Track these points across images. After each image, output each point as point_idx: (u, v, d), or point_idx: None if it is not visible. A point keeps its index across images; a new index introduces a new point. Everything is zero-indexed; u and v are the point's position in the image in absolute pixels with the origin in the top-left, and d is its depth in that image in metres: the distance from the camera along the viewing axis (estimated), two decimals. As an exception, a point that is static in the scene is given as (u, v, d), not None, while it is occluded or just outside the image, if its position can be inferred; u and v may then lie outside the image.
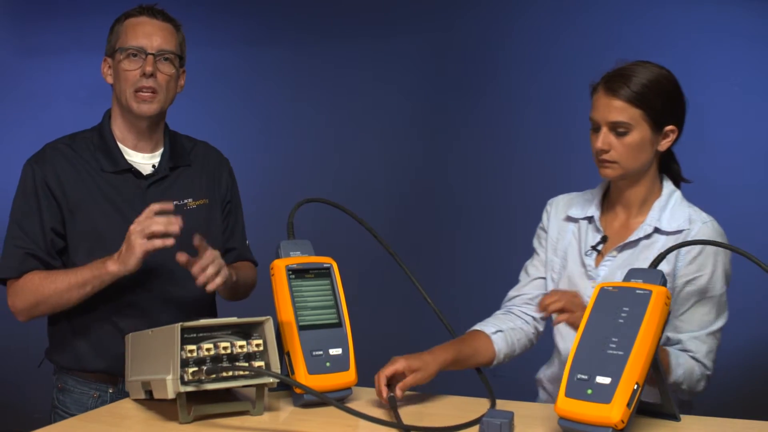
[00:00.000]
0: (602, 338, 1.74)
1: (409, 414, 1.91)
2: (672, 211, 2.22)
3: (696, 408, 2.25)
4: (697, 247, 2.15)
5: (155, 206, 2.16)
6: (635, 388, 1.68)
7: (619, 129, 2.16)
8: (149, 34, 2.39)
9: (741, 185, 4.13)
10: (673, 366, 2.08)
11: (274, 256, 2.14)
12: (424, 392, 2.13)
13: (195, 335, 1.88)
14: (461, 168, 4.73)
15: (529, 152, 4.56)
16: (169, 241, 2.14)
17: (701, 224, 2.18)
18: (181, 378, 1.82)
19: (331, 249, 2.18)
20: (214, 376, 1.85)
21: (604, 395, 1.67)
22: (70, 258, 2.36)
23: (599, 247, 2.28)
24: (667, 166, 2.31)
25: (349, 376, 2.04)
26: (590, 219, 2.33)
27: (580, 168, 4.33)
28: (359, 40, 4.90)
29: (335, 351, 2.04)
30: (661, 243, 2.19)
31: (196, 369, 1.84)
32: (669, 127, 2.20)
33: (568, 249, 2.35)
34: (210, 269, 2.21)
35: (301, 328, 2.03)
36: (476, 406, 1.97)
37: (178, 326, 1.83)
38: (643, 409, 1.87)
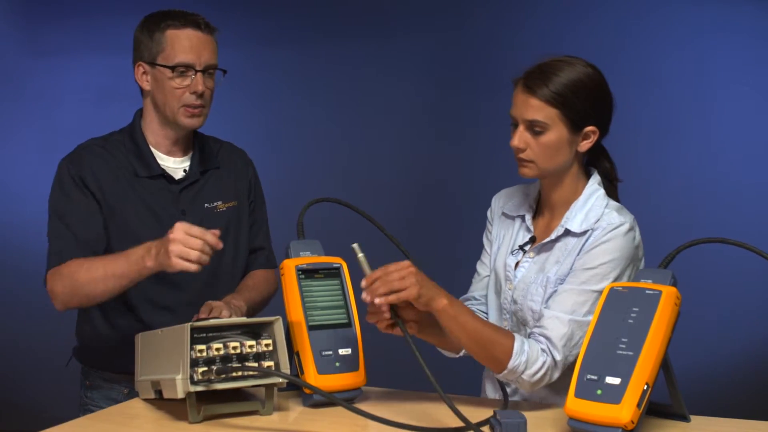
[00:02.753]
0: (612, 339, 1.74)
1: (414, 414, 1.91)
2: (588, 211, 2.12)
3: (705, 409, 2.24)
4: (599, 239, 2.06)
5: (211, 239, 2.06)
6: (645, 388, 1.68)
7: (535, 128, 2.08)
8: (198, 50, 2.38)
9: (753, 184, 4.13)
10: (516, 351, 1.98)
11: (284, 256, 2.14)
12: (428, 392, 2.13)
13: (204, 335, 1.89)
14: (470, 167, 4.73)
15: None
16: (197, 267, 2.06)
17: (606, 225, 2.07)
18: (191, 378, 1.83)
19: (340, 249, 2.18)
20: (223, 375, 1.86)
21: (613, 396, 1.67)
22: None
23: (526, 248, 2.21)
24: (600, 165, 2.22)
25: (359, 376, 2.04)
26: (522, 218, 2.27)
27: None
28: (368, 40, 4.91)
29: (345, 351, 2.04)
30: (571, 245, 2.10)
31: (205, 369, 1.84)
32: (589, 128, 2.11)
33: (501, 246, 2.29)
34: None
35: (310, 328, 2.03)
36: (485, 407, 1.97)
37: (187, 326, 1.83)
38: (652, 410, 1.87)
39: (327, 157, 5.01)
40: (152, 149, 2.45)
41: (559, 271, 2.10)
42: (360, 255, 1.93)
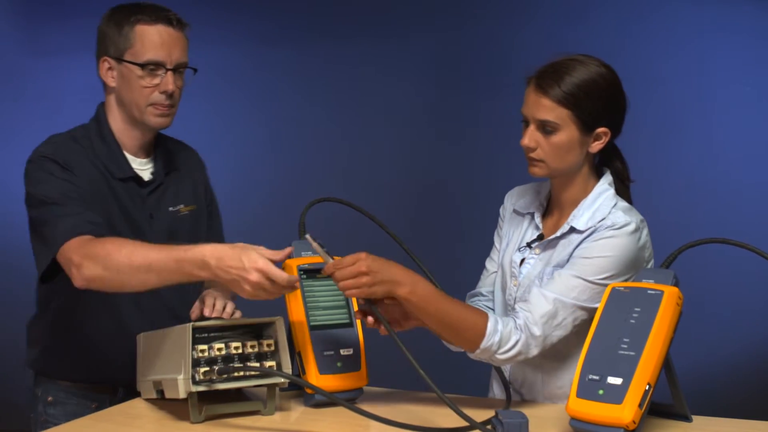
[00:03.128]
0: (614, 339, 1.74)
1: (420, 414, 1.91)
2: (595, 210, 2.12)
3: (707, 409, 2.24)
4: (601, 235, 2.06)
5: (293, 280, 1.90)
6: (647, 388, 1.68)
7: (546, 127, 2.08)
8: (169, 47, 2.25)
9: (754, 184, 4.13)
10: (490, 332, 1.97)
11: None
12: (430, 393, 2.13)
13: (206, 335, 1.89)
14: (471, 167, 4.73)
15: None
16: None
17: (610, 224, 2.07)
18: (193, 378, 1.83)
19: (342, 249, 2.18)
20: (225, 376, 1.86)
21: (615, 396, 1.67)
22: None
23: (534, 244, 2.22)
24: (612, 165, 2.22)
25: (360, 376, 2.04)
26: (532, 215, 2.28)
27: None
28: (368, 40, 4.91)
29: (346, 351, 2.04)
30: (574, 243, 2.10)
31: (207, 369, 1.84)
32: (601, 130, 2.11)
33: (510, 243, 2.30)
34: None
35: (312, 328, 2.03)
36: (487, 407, 1.97)
37: (189, 326, 1.83)
38: (654, 410, 1.87)
39: (328, 157, 5.01)
40: (123, 150, 2.31)
41: (559, 262, 2.11)
42: (314, 244, 1.93)
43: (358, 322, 2.09)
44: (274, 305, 1.98)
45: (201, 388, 1.84)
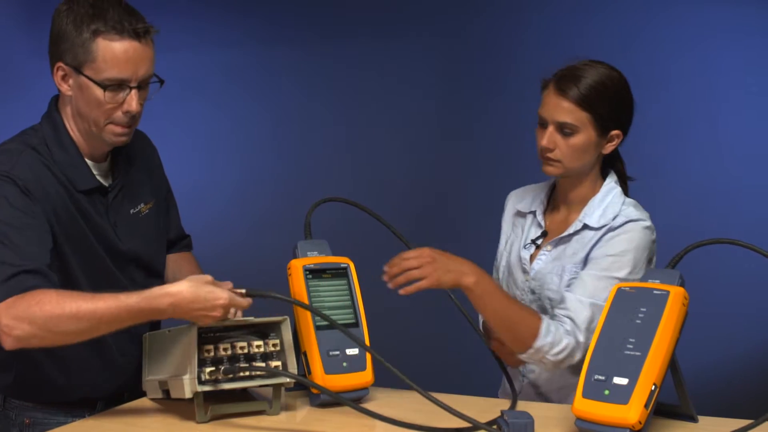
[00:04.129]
0: (619, 339, 1.74)
1: (423, 414, 1.90)
2: (605, 207, 2.21)
3: (713, 409, 2.24)
4: (619, 231, 2.15)
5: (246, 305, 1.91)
6: (653, 388, 1.68)
7: (565, 129, 2.17)
8: (135, 64, 1.97)
9: (760, 185, 4.12)
10: (543, 332, 2.04)
11: (291, 256, 2.14)
12: (435, 392, 2.13)
13: (212, 335, 1.89)
14: (477, 166, 4.72)
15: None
16: None
17: (624, 219, 2.16)
18: (199, 378, 1.83)
19: (348, 249, 2.18)
20: (231, 375, 1.86)
21: (621, 396, 1.67)
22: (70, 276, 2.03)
23: (538, 242, 2.29)
24: (612, 165, 2.31)
25: (366, 376, 2.04)
26: (534, 214, 2.35)
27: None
28: (372, 39, 4.91)
29: (352, 351, 2.04)
30: (588, 238, 2.19)
31: (213, 369, 1.84)
32: (614, 132, 2.20)
33: (514, 242, 2.38)
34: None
35: (318, 328, 2.03)
36: (493, 407, 1.96)
37: (195, 326, 1.83)
38: (660, 410, 1.87)
39: (333, 158, 5.01)
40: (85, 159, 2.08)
41: (574, 260, 2.18)
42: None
43: (364, 322, 2.09)
44: (279, 305, 1.98)
45: (207, 388, 1.84)
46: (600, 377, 1.71)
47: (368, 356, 2.05)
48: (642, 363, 1.69)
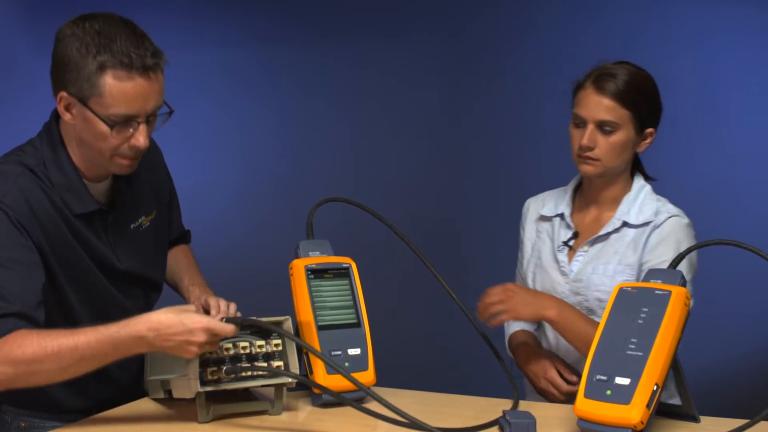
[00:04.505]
0: (621, 339, 1.74)
1: (428, 414, 1.91)
2: (641, 205, 2.26)
3: (713, 409, 2.24)
4: (660, 236, 2.20)
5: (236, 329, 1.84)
6: (655, 389, 1.67)
7: (605, 127, 2.20)
8: (143, 99, 1.87)
9: (760, 185, 4.12)
10: None
11: (293, 256, 2.14)
12: (437, 392, 2.13)
13: (214, 335, 1.89)
14: (478, 166, 4.73)
15: (545, 151, 4.55)
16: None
17: (666, 215, 2.22)
18: (201, 378, 1.83)
19: (349, 249, 2.18)
20: (233, 375, 1.86)
21: (623, 396, 1.67)
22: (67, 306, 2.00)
23: (571, 243, 2.32)
24: (637, 167, 2.36)
25: (368, 376, 2.04)
26: (561, 216, 2.37)
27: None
28: (374, 39, 4.91)
29: (354, 351, 2.04)
30: (630, 236, 2.23)
31: (215, 369, 1.84)
32: (649, 130, 2.25)
33: (542, 247, 2.39)
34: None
35: (320, 328, 2.03)
36: (495, 407, 1.97)
37: (197, 326, 1.83)
38: (662, 410, 1.87)
39: (335, 158, 5.01)
40: (84, 181, 2.00)
41: (622, 260, 2.22)
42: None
43: (365, 322, 2.09)
44: (281, 306, 1.98)
45: (209, 388, 1.84)
46: (602, 377, 1.71)
47: (370, 356, 2.05)
48: (644, 363, 1.69)
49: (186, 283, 2.29)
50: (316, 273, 2.10)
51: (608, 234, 2.26)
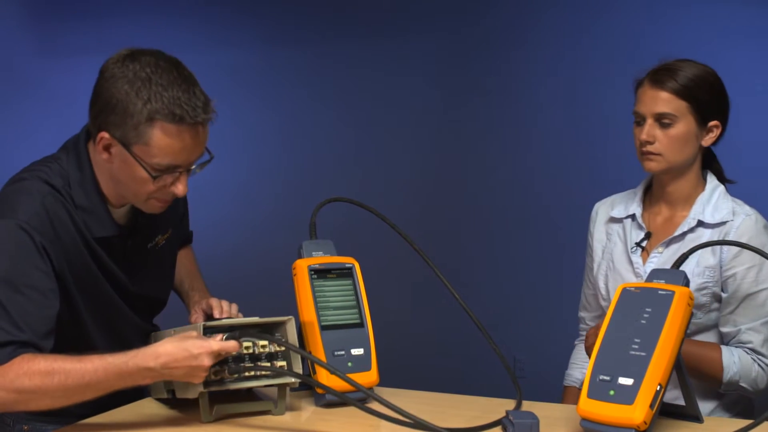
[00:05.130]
0: (625, 339, 1.74)
1: (431, 414, 1.91)
2: (715, 204, 2.23)
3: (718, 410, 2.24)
4: (745, 237, 2.17)
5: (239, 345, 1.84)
6: (658, 389, 1.67)
7: (664, 120, 2.18)
8: (189, 151, 1.86)
9: (764, 185, 4.11)
10: (727, 364, 2.11)
11: (297, 256, 2.14)
12: (440, 392, 2.13)
13: (217, 335, 1.89)
14: (482, 167, 4.73)
15: (549, 151, 4.56)
16: None
17: (744, 216, 2.19)
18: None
19: (353, 249, 2.18)
20: (236, 375, 1.86)
21: (626, 396, 1.67)
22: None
23: (643, 244, 2.28)
24: (710, 166, 2.33)
25: (371, 376, 2.04)
26: (633, 217, 2.34)
27: (600, 167, 4.32)
28: (378, 40, 4.91)
29: (357, 351, 2.04)
30: (706, 236, 2.20)
31: (218, 368, 1.84)
32: (713, 122, 2.23)
33: (614, 250, 2.35)
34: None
35: (323, 328, 2.03)
36: (498, 407, 1.96)
37: (200, 325, 1.83)
38: (665, 411, 1.86)
39: (338, 158, 5.01)
40: (107, 206, 1.98)
41: (700, 262, 2.19)
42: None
43: (368, 322, 2.09)
44: (285, 306, 1.98)
45: (212, 388, 1.84)
46: (605, 377, 1.71)
47: (373, 356, 2.05)
48: (647, 363, 1.69)
49: (186, 287, 2.32)
50: (320, 273, 2.10)
51: (684, 234, 2.23)
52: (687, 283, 1.80)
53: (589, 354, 2.23)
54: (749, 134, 4.17)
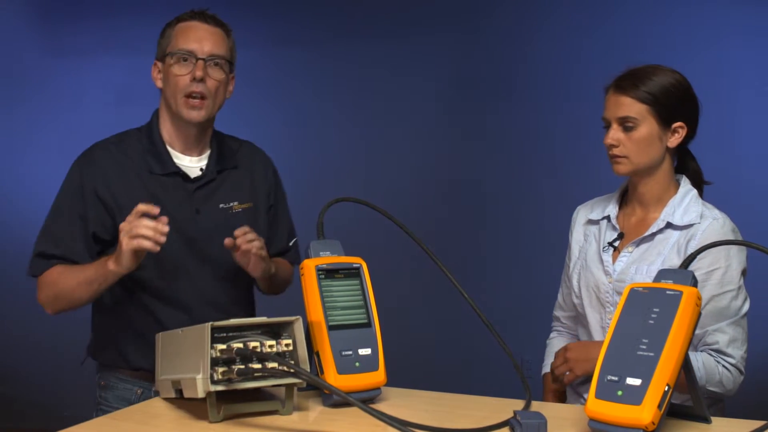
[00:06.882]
0: (632, 339, 1.74)
1: (437, 414, 1.91)
2: (686, 207, 2.29)
3: (727, 410, 2.23)
4: (709, 228, 2.25)
5: (141, 207, 2.16)
6: (666, 389, 1.67)
7: (627, 124, 2.26)
8: (200, 39, 2.40)
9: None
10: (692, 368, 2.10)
11: (304, 256, 2.14)
12: (448, 393, 2.13)
13: (225, 335, 1.89)
14: (488, 167, 4.73)
15: (553, 152, 4.56)
16: (157, 248, 2.15)
17: (711, 220, 2.26)
18: (211, 377, 1.83)
19: (360, 249, 2.18)
20: (243, 375, 1.86)
21: (634, 397, 1.67)
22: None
23: (616, 244, 2.36)
24: (686, 167, 2.40)
25: (379, 376, 2.04)
26: (608, 218, 2.42)
27: (604, 167, 4.32)
28: (385, 40, 4.92)
29: (364, 351, 2.04)
30: (674, 238, 2.27)
31: (225, 368, 1.84)
32: (677, 124, 2.29)
33: (588, 249, 2.44)
34: (250, 236, 2.31)
35: (330, 328, 2.03)
36: (506, 407, 1.96)
37: (208, 325, 1.83)
38: (673, 411, 1.86)
39: (346, 157, 5.02)
40: (168, 147, 2.46)
41: (665, 262, 2.25)
42: None
43: (376, 322, 2.09)
44: (292, 305, 1.98)
45: (219, 388, 1.84)
46: (613, 378, 1.71)
47: (381, 356, 2.05)
48: (655, 364, 1.68)
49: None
50: (327, 273, 2.10)
51: (653, 235, 2.30)
52: (695, 284, 1.80)
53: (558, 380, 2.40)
54: (749, 134, 4.17)
